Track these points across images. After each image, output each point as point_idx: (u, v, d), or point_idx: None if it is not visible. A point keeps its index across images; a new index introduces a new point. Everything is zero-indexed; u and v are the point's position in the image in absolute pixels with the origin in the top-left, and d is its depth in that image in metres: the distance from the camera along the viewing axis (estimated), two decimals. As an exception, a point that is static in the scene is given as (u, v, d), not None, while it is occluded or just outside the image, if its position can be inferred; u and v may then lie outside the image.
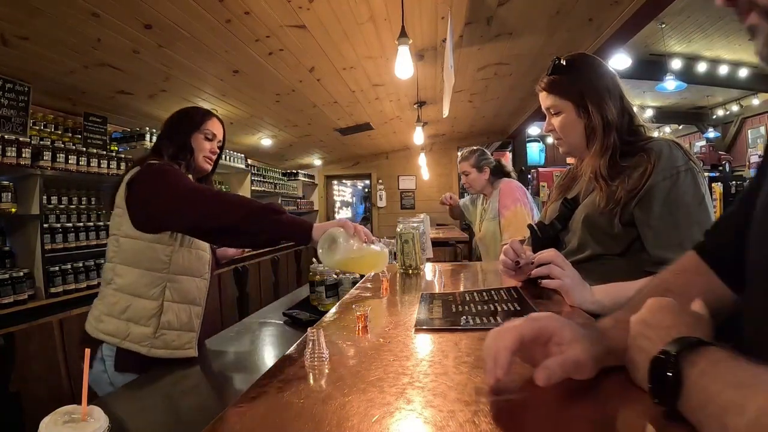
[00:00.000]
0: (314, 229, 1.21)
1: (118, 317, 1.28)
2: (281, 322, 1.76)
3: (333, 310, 1.00)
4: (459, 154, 2.74)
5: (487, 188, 2.69)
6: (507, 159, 6.34)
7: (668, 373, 0.43)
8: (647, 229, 0.98)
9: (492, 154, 2.80)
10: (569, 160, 1.35)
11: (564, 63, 1.13)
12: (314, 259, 1.77)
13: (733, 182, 5.78)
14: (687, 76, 6.05)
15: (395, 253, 1.82)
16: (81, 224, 2.89)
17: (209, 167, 1.54)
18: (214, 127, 1.53)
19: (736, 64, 6.13)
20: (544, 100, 1.18)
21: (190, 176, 1.47)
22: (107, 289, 1.32)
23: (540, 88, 1.19)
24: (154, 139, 3.58)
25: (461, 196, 7.07)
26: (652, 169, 0.98)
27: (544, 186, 7.72)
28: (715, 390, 0.38)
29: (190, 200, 1.24)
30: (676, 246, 0.91)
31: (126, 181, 1.34)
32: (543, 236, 1.21)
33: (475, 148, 2.76)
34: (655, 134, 1.17)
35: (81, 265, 2.78)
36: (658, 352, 0.45)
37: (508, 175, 2.69)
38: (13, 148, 2.40)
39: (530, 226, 1.28)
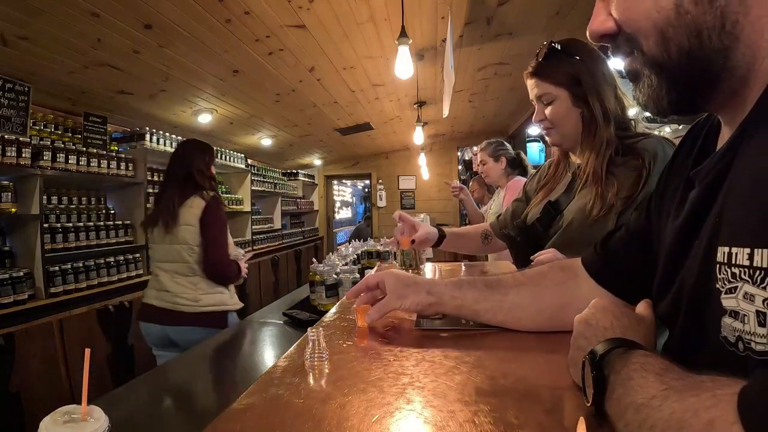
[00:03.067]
0: None
1: None
2: (281, 322, 1.76)
3: (333, 310, 1.00)
4: (477, 146, 2.77)
5: (503, 179, 2.69)
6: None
7: (592, 374, 0.43)
8: None
9: None
10: (554, 152, 1.28)
11: (559, 47, 1.05)
12: (314, 259, 1.77)
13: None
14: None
15: (395, 253, 1.82)
16: (81, 224, 2.88)
17: None
18: None
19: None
20: (535, 87, 1.09)
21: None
22: None
23: (529, 74, 1.09)
24: (155, 139, 3.59)
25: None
26: (648, 172, 0.94)
27: (543, 186, 7.69)
28: (626, 403, 0.38)
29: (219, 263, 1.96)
30: None
31: (197, 207, 1.88)
32: (521, 239, 1.20)
33: (493, 139, 2.78)
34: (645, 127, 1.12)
35: (81, 265, 2.77)
36: (588, 353, 0.45)
37: (525, 169, 2.69)
38: (13, 148, 2.40)
39: (507, 233, 1.27)
